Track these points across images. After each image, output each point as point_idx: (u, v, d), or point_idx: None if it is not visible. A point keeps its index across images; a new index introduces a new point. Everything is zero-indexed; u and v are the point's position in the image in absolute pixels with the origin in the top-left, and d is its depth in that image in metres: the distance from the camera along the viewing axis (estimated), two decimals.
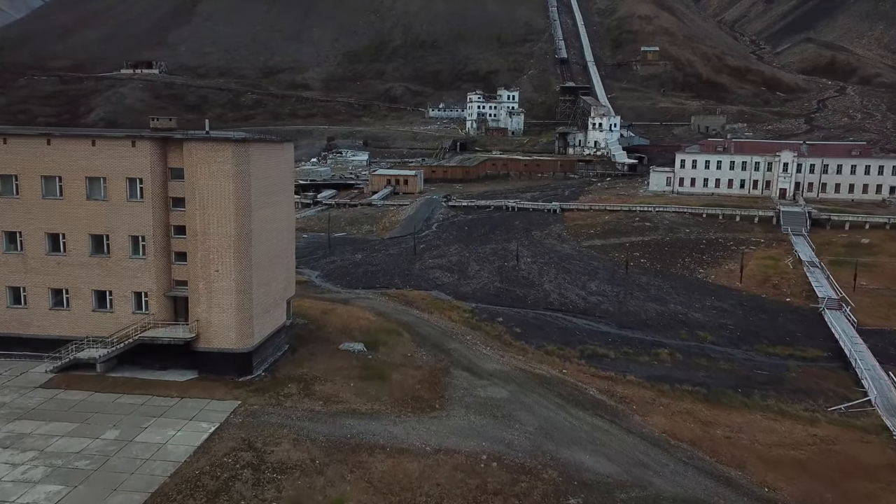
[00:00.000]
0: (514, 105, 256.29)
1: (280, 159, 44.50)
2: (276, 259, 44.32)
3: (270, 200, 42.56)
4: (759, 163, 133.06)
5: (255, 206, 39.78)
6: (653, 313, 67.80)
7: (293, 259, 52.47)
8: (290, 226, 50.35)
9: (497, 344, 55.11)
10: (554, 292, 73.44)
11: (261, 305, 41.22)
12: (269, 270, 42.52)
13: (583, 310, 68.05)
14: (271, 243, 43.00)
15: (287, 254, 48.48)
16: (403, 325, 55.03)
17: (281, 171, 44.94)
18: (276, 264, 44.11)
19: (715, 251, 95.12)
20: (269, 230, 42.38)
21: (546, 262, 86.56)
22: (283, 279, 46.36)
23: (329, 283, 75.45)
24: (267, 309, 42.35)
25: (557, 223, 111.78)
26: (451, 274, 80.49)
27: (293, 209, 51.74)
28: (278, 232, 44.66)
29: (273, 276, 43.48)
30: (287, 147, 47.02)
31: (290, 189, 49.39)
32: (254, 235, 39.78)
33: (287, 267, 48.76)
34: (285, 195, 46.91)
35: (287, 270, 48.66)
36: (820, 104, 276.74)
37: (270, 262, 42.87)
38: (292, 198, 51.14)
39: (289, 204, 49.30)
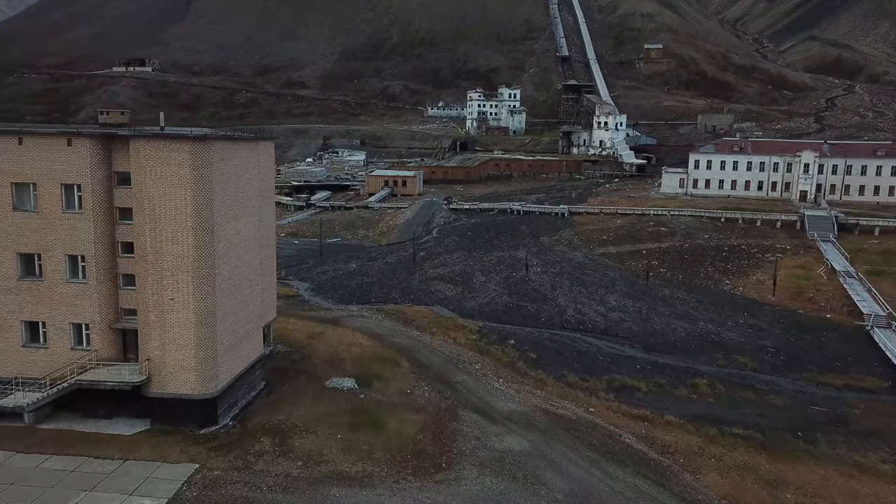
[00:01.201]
0: (515, 103, 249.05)
1: (254, 160, 37.02)
2: (250, 281, 36.87)
3: (242, 210, 35.13)
4: (777, 163, 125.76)
5: (220, 219, 32.34)
6: (682, 333, 60.42)
7: (273, 277, 44.96)
8: (270, 239, 42.85)
9: (510, 374, 47.69)
10: (570, 308, 66.03)
11: (228, 340, 33.76)
12: (239, 296, 35.06)
13: (603, 329, 60.66)
14: (243, 262, 35.55)
15: (265, 272, 41.04)
16: (402, 352, 47.61)
17: (256, 175, 37.49)
18: (249, 287, 36.66)
19: (739, 259, 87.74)
20: (239, 247, 34.93)
21: (558, 272, 79.14)
22: (259, 304, 38.92)
23: (319, 298, 67.98)
24: (236, 343, 34.88)
25: (567, 228, 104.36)
26: (454, 286, 73.05)
27: (273, 219, 44.22)
28: (252, 248, 37.20)
29: (245, 301, 36.02)
30: (264, 146, 39.53)
31: (268, 196, 41.89)
32: (219, 254, 32.33)
33: (265, 288, 41.33)
34: (263, 203, 39.46)
35: (265, 292, 41.23)
36: (829, 103, 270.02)
37: (241, 285, 35.42)
38: (272, 206, 43.63)
39: (268, 213, 41.83)
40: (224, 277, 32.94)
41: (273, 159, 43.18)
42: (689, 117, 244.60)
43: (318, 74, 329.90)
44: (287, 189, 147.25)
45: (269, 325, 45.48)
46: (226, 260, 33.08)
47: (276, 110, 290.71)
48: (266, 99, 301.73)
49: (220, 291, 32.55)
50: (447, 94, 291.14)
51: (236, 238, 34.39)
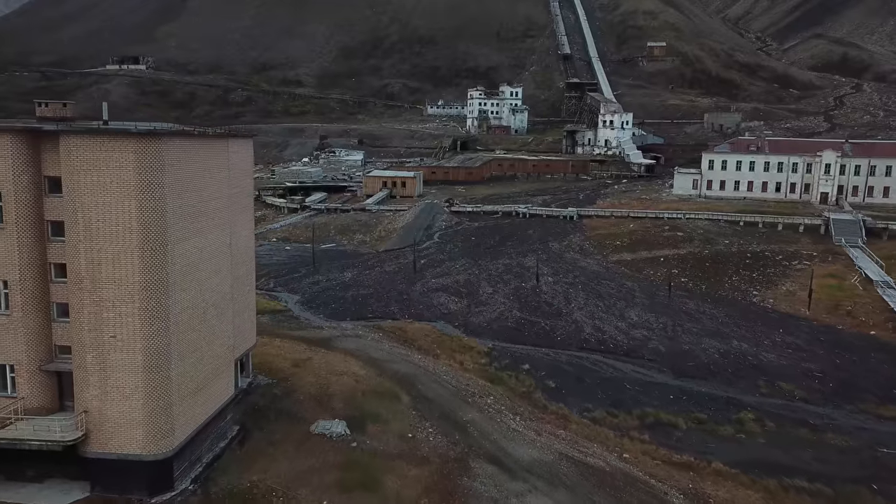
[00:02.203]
0: (517, 102, 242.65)
1: (224, 162, 30.58)
2: (218, 308, 30.42)
3: (207, 223, 28.69)
4: (797, 164, 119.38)
5: (176, 235, 25.89)
6: (714, 354, 54.03)
7: (252, 298, 38.55)
8: (247, 255, 36.46)
9: (527, 408, 41.26)
10: (587, 324, 59.60)
11: (188, 384, 27.30)
12: (203, 328, 28.59)
13: (627, 350, 54.24)
14: (208, 287, 29.10)
15: (241, 295, 34.65)
16: (402, 382, 41.20)
17: (226, 179, 31.06)
18: (217, 316, 30.21)
19: (765, 267, 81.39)
20: (203, 268, 28.48)
21: (571, 282, 72.73)
22: (231, 334, 32.47)
23: (310, 313, 61.50)
24: (200, 386, 28.41)
25: (577, 232, 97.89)
26: (458, 298, 66.60)
27: (251, 231, 37.79)
28: (222, 268, 30.76)
29: (211, 334, 29.55)
30: (238, 145, 33.12)
31: (244, 204, 35.47)
32: (174, 279, 25.88)
33: (241, 312, 34.96)
34: (236, 213, 33.06)
35: (240, 318, 34.86)
36: (837, 101, 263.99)
37: (207, 314, 28.96)
38: (250, 216, 37.20)
39: (243, 225, 35.43)
40: (182, 308, 26.46)
41: (250, 160, 36.75)
42: (694, 116, 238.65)
43: (316, 73, 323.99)
44: (281, 190, 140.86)
45: (247, 354, 39.16)
46: (184, 286, 26.60)
47: (272, 109, 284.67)
48: (262, 97, 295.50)
49: (176, 325, 26.07)
50: (447, 93, 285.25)
51: (199, 257, 27.90)
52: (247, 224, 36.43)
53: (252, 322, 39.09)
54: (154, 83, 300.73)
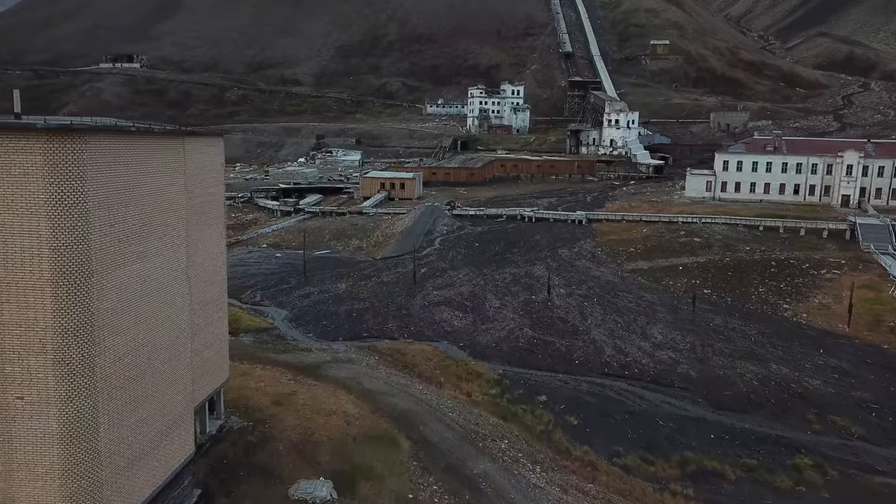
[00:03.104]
0: (519, 101, 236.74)
1: (178, 166, 24.48)
2: (171, 349, 24.29)
3: (154, 244, 22.58)
4: (816, 165, 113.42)
5: (106, 263, 19.78)
6: (752, 380, 48.00)
7: (222, 326, 32.52)
8: (216, 275, 30.44)
9: (548, 453, 35.20)
10: (607, 344, 53.55)
11: (125, 454, 21.17)
12: (147, 379, 22.45)
13: (654, 376, 48.18)
14: (156, 325, 22.97)
15: (204, 327, 28.61)
16: (400, 422, 35.17)
17: (182, 188, 24.98)
18: (169, 360, 24.08)
19: (792, 277, 75.38)
20: (148, 301, 22.35)
21: (585, 294, 66.69)
22: (191, 378, 26.37)
23: (299, 331, 55.44)
24: (143, 453, 22.26)
25: (588, 238, 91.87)
26: (463, 313, 60.55)
27: (220, 248, 31.74)
28: (175, 298, 24.63)
29: (160, 384, 23.42)
30: (200, 145, 27.03)
31: (212, 216, 29.41)
32: (104, 321, 19.77)
33: (206, 346, 28.96)
34: (197, 228, 26.99)
35: (205, 353, 28.84)
36: (845, 100, 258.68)
37: (154, 361, 22.82)
38: (219, 230, 31.14)
39: (212, 242, 29.41)
40: (115, 356, 20.35)
41: (219, 162, 30.66)
42: (700, 115, 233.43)
43: (313, 71, 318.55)
44: (274, 192, 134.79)
45: (218, 392, 33.15)
46: (118, 327, 20.49)
47: (268, 108, 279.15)
48: (258, 96, 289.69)
49: (106, 380, 19.96)
50: (447, 92, 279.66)
51: (141, 288, 21.78)
52: (214, 240, 30.34)
53: (223, 355, 33.05)
54: (148, 82, 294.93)
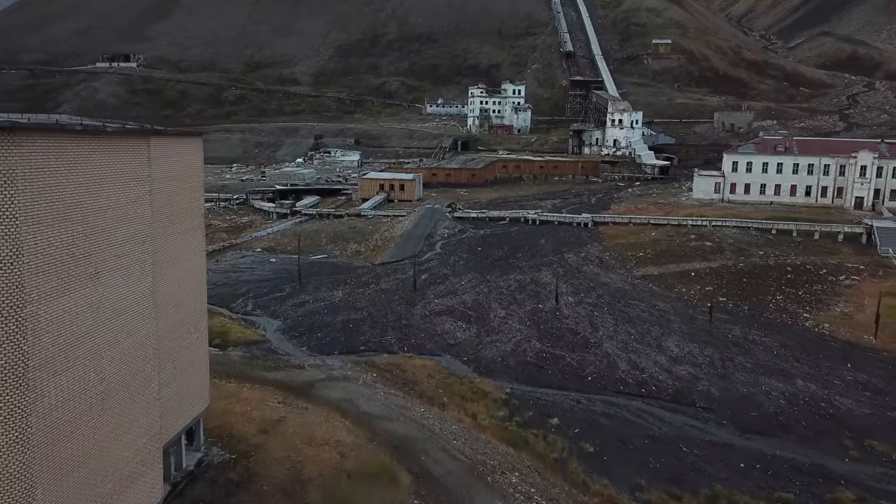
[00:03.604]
0: (520, 100, 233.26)
1: (142, 171, 21.03)
2: (133, 386, 20.83)
3: (110, 264, 19.12)
4: (828, 166, 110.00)
5: (44, 289, 16.32)
6: (779, 399, 44.53)
7: (202, 349, 29.12)
8: (193, 293, 27.04)
9: (564, 487, 31.73)
10: (621, 358, 50.09)
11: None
12: (99, 424, 18.96)
13: (673, 394, 44.70)
14: (112, 359, 19.49)
15: (180, 352, 25.20)
16: (400, 453, 31.74)
17: (149, 196, 21.53)
18: (129, 399, 20.62)
19: (809, 284, 71.96)
20: (102, 333, 18.87)
21: (595, 302, 63.26)
22: (158, 415, 22.91)
23: (291, 344, 52.00)
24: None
25: (594, 242, 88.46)
26: (466, 324, 57.11)
27: (200, 261, 28.32)
28: (140, 325, 21.17)
29: (117, 428, 19.94)
30: (172, 147, 23.62)
31: (186, 228, 26.00)
32: (42, 360, 16.30)
33: (180, 374, 25.53)
34: (171, 242, 23.58)
35: (179, 382, 25.42)
36: (851, 100, 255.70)
37: (109, 402, 19.36)
38: (196, 242, 27.71)
39: (186, 257, 25.97)
40: (56, 401, 16.89)
41: (196, 167, 27.21)
42: (703, 115, 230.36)
43: (312, 71, 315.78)
44: (270, 194, 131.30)
45: (197, 421, 29.76)
46: (60, 366, 17.02)
47: (266, 108, 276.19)
48: (256, 96, 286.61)
49: (44, 432, 16.48)
50: (447, 91, 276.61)
51: (92, 318, 18.33)
52: (191, 253, 26.91)
53: (202, 380, 29.63)
54: (144, 81, 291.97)
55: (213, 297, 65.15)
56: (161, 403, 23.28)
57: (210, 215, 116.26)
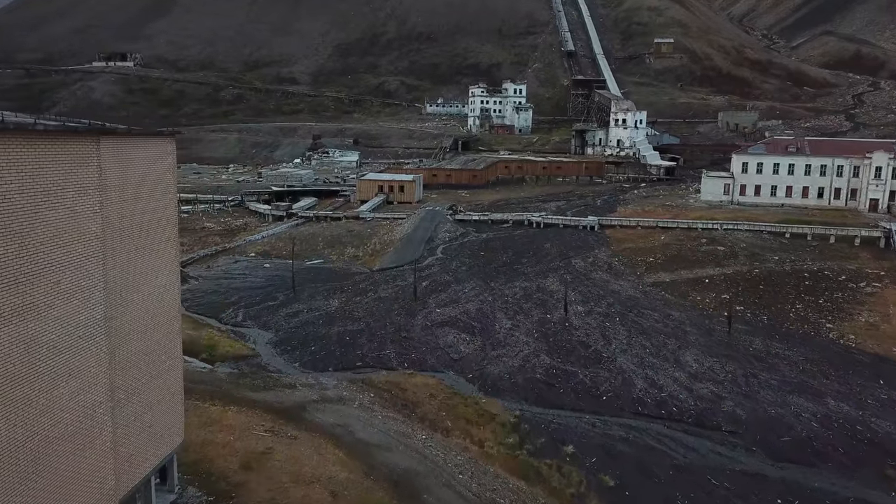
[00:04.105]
0: (521, 100, 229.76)
1: (89, 179, 17.53)
2: (80, 437, 17.31)
3: (45, 291, 15.63)
4: (842, 167, 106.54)
5: None
6: (811, 421, 41.07)
7: (174, 377, 25.61)
8: (162, 316, 23.53)
9: None
10: (637, 375, 46.62)
11: None
12: (32, 492, 15.42)
13: (696, 416, 41.19)
14: (52, 408, 15.99)
15: (145, 384, 21.73)
16: (400, 491, 28.27)
17: (100, 206, 18.06)
18: (73, 452, 17.09)
19: (830, 291, 68.52)
20: (37, 378, 15.37)
21: (605, 312, 59.81)
22: (112, 466, 19.38)
23: (283, 359, 48.50)
24: None
25: (602, 246, 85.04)
26: (470, 336, 53.64)
27: (171, 277, 24.82)
28: (90, 362, 17.66)
29: (57, 494, 16.39)
30: (130, 148, 20.13)
31: (158, 241, 22.55)
32: None
33: (147, 409, 22.07)
34: (131, 260, 20.11)
35: (147, 418, 21.95)
36: (856, 100, 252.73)
37: (43, 462, 15.83)
38: (167, 255, 24.22)
39: (154, 273, 22.51)
40: None
41: (167, 172, 23.72)
42: (707, 115, 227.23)
43: (311, 70, 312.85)
44: (266, 195, 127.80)
45: (170, 458, 26.30)
46: None
47: (264, 107, 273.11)
48: (254, 95, 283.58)
49: None
50: (447, 91, 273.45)
51: (20, 360, 14.83)
52: (160, 270, 23.41)
53: (176, 412, 26.10)
54: (141, 81, 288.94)
55: (203, 305, 61.84)
56: (118, 452, 19.78)
57: (204, 218, 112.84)
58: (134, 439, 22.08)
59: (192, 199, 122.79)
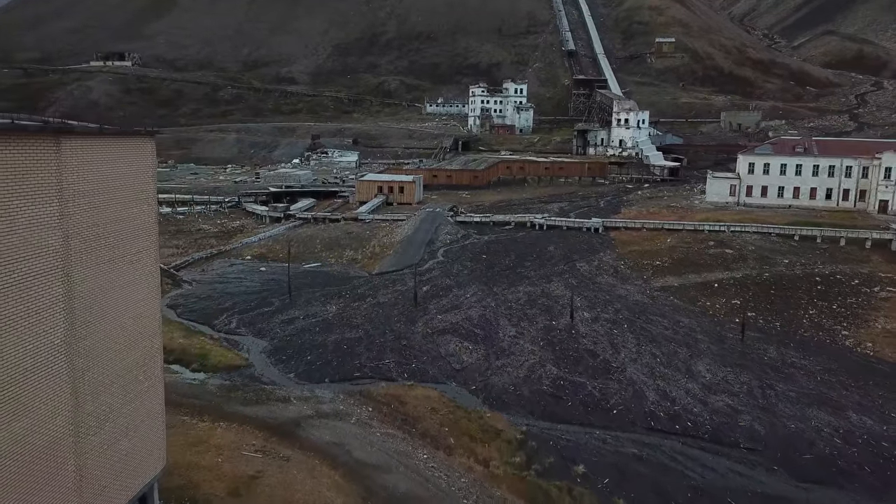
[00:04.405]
0: (522, 99, 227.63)
1: (43, 185, 15.40)
2: (38, 477, 15.17)
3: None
4: (850, 167, 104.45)
5: None
6: (833, 437, 38.90)
7: (155, 399, 23.55)
8: (140, 331, 21.46)
9: None
10: (648, 386, 44.44)
11: None
12: None
13: (712, 431, 39.00)
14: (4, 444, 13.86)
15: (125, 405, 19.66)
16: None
17: (59, 213, 15.94)
18: (27, 495, 14.93)
19: (843, 296, 66.38)
20: None
21: (612, 318, 57.66)
22: None
23: (277, 370, 46.30)
24: None
25: (606, 249, 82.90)
26: (473, 344, 51.48)
27: (152, 290, 22.71)
28: (50, 394, 15.55)
29: None
30: (99, 149, 18.04)
31: (135, 251, 20.45)
32: None
33: (123, 435, 19.99)
34: (114, 270, 18.04)
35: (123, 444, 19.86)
36: (859, 99, 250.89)
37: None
38: (149, 267, 22.11)
39: (137, 285, 20.43)
40: None
41: (145, 175, 21.60)
42: (709, 115, 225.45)
43: (310, 70, 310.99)
44: (264, 196, 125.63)
45: (151, 486, 24.14)
46: None
47: (262, 107, 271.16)
48: (252, 95, 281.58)
49: None
50: (447, 91, 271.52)
51: None
52: (138, 282, 21.31)
53: (157, 436, 23.98)
54: (139, 80, 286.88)
55: (196, 312, 59.68)
56: (88, 487, 17.64)
57: (200, 219, 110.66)
58: (108, 470, 20.00)
59: (189, 200, 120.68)
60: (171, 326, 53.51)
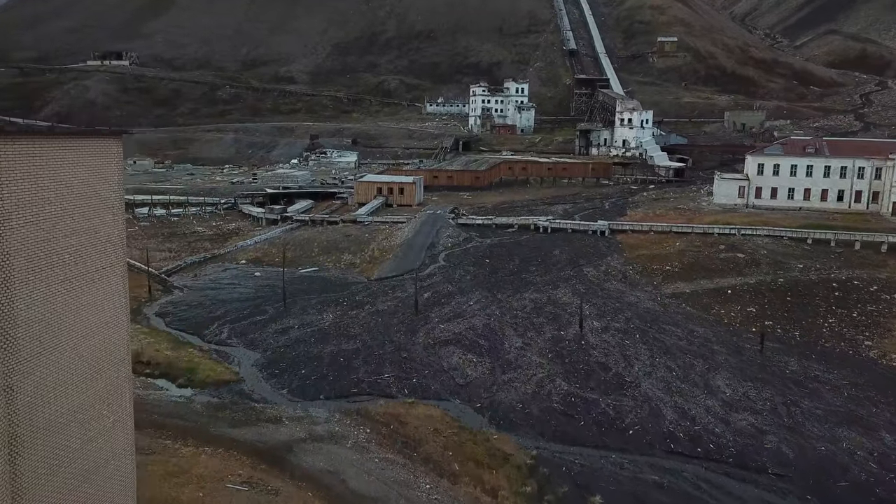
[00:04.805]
0: (523, 99, 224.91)
1: None
2: None
3: None
4: (863, 168, 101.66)
5: None
6: (866, 459, 36.11)
7: (124, 435, 20.76)
8: (109, 356, 18.71)
9: None
10: (665, 403, 41.61)
11: None
12: None
13: (737, 455, 36.15)
14: None
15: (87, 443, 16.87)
16: None
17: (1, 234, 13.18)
18: None
19: (863, 303, 63.60)
20: None
21: (624, 328, 54.85)
22: None
23: (269, 385, 43.44)
24: None
25: (614, 253, 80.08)
26: (477, 357, 48.66)
27: (119, 310, 19.94)
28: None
29: None
30: (51, 151, 15.24)
31: (98, 266, 17.67)
32: None
33: (88, 476, 17.19)
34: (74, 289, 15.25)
35: (84, 489, 17.07)
36: (864, 99, 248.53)
37: None
38: (116, 283, 19.33)
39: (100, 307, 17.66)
40: None
41: (110, 179, 18.81)
42: (712, 115, 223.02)
43: (309, 69, 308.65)
44: (261, 198, 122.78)
45: None
46: None
47: (261, 107, 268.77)
48: (251, 95, 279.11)
49: None
50: (447, 90, 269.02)
51: None
52: (100, 305, 18.53)
53: (123, 477, 21.16)
54: (137, 80, 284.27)
55: (185, 321, 56.89)
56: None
57: (195, 221, 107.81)
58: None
59: (184, 201, 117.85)
60: (159, 337, 50.78)
